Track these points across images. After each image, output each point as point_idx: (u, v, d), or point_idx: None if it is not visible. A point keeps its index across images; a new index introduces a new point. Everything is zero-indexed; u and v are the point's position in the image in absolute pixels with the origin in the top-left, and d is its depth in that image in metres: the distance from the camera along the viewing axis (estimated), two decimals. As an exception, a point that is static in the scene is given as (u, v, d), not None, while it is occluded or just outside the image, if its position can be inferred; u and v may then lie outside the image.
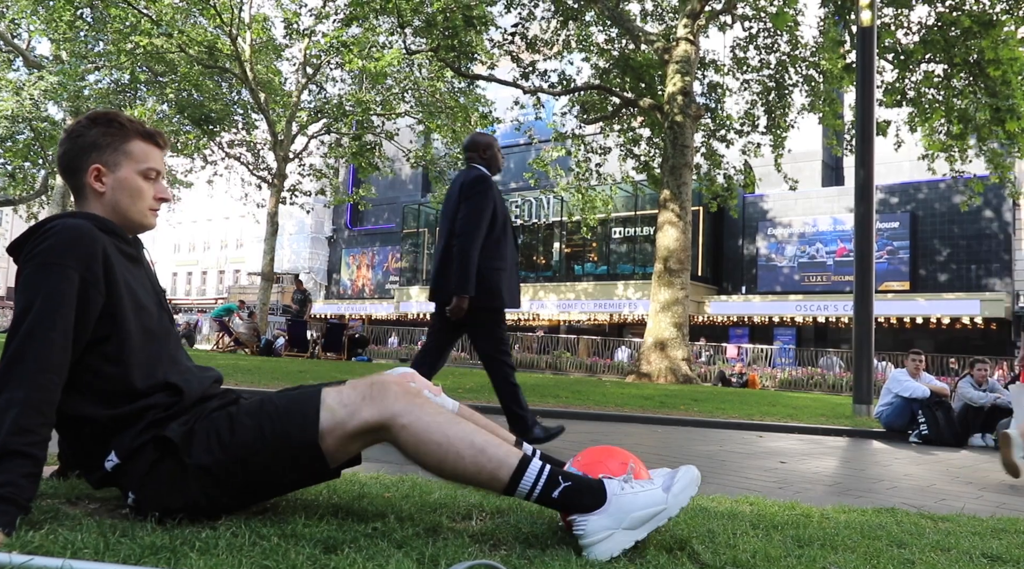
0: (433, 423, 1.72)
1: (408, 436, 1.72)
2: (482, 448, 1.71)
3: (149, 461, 1.70)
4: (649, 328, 14.85)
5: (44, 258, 1.64)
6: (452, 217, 4.45)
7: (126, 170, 1.83)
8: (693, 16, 15.57)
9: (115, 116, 1.87)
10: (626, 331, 30.44)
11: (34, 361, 1.57)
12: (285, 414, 1.75)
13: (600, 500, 1.68)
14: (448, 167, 24.95)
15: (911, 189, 26.87)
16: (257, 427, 1.73)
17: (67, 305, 1.63)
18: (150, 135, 1.89)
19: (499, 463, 1.70)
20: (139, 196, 1.85)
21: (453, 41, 16.45)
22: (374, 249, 41.70)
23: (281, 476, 1.77)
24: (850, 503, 3.07)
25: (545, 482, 1.70)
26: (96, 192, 1.82)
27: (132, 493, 1.70)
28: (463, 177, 4.58)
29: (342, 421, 1.72)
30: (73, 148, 1.83)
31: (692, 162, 15.77)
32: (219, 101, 23.75)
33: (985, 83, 14.34)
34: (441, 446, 1.71)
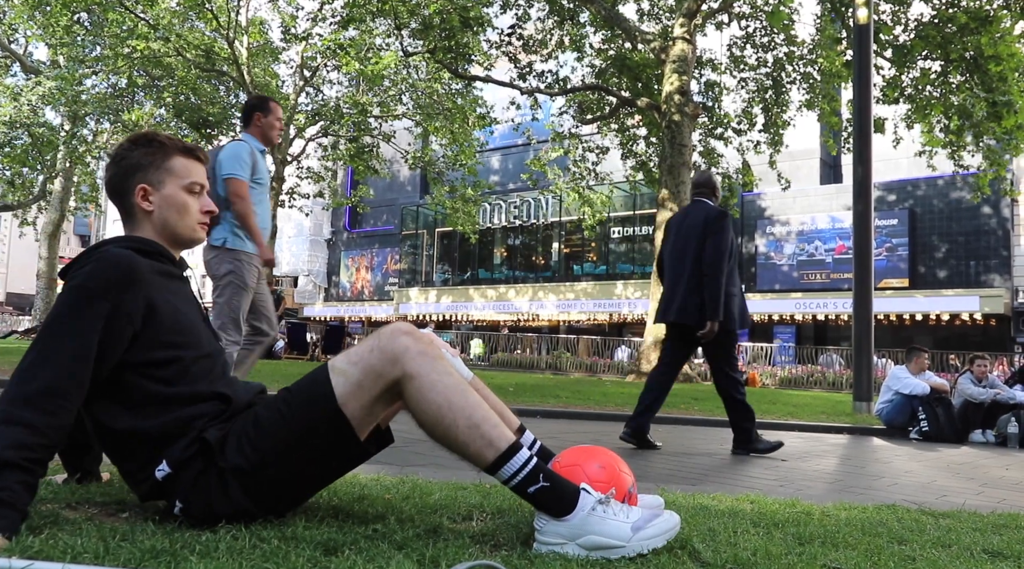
0: (440, 383, 1.72)
1: (413, 389, 1.71)
2: (478, 423, 1.71)
3: (197, 470, 1.71)
4: (649, 327, 14.85)
5: (78, 283, 1.67)
6: (696, 248, 4.92)
7: (171, 187, 1.87)
8: (690, 15, 15.58)
9: (155, 136, 1.91)
10: (626, 330, 30.44)
11: (44, 384, 1.59)
12: (299, 393, 1.77)
13: (568, 510, 1.68)
14: (446, 168, 24.93)
15: (909, 186, 26.87)
16: (278, 416, 1.74)
17: (90, 333, 1.64)
18: (190, 150, 1.92)
19: (489, 443, 1.70)
20: (186, 211, 1.89)
21: (450, 42, 16.46)
22: (373, 251, 41.69)
23: (315, 460, 1.77)
24: (851, 500, 3.07)
25: (525, 475, 1.69)
26: (144, 211, 1.86)
27: (179, 501, 1.71)
28: (703, 212, 5.04)
29: (356, 381, 1.72)
30: (119, 172, 1.87)
31: (690, 161, 15.78)
32: (216, 104, 23.74)
33: (982, 79, 14.35)
34: (440, 409, 1.70)
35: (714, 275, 4.81)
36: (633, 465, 4.16)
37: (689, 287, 4.93)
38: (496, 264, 36.04)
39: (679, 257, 5.03)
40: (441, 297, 36.20)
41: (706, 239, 4.88)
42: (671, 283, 5.10)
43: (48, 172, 25.17)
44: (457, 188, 24.84)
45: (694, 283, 4.90)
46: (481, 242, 33.31)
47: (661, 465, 4.36)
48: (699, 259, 4.89)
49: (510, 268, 35.52)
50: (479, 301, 34.69)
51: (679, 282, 5.00)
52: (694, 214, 5.08)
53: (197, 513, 1.70)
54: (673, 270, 5.09)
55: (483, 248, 35.63)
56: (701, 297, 4.86)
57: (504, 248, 35.98)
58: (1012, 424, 7.23)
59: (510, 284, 34.45)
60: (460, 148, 23.24)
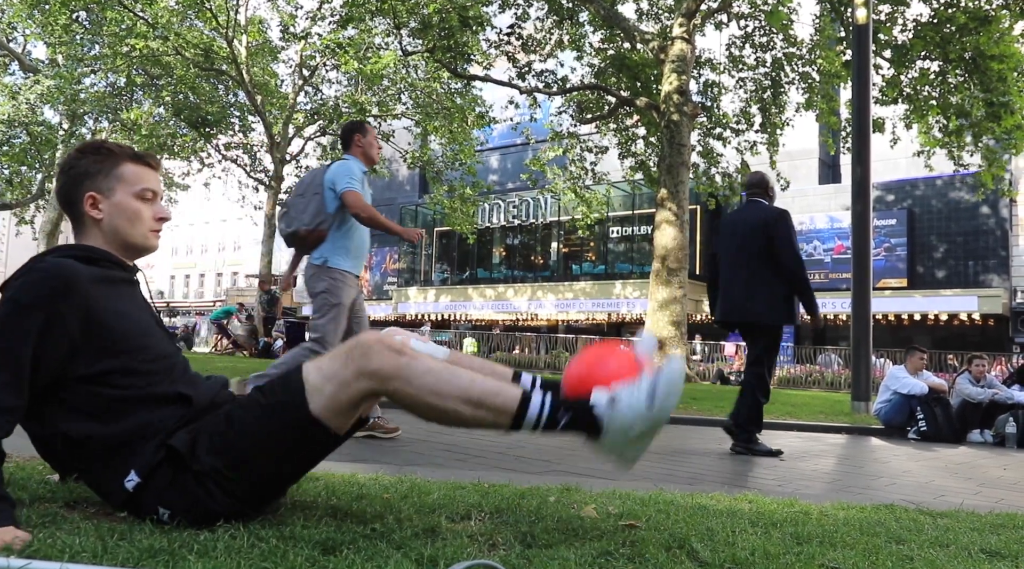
0: (424, 385, 1.72)
1: (401, 398, 1.74)
2: (479, 401, 1.73)
3: (168, 477, 1.70)
4: (647, 327, 14.85)
5: (11, 295, 1.67)
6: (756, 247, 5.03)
7: (120, 194, 1.84)
8: (689, 15, 15.58)
9: (102, 143, 1.89)
10: (624, 330, 30.45)
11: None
12: (272, 395, 1.77)
13: (597, 430, 1.74)
14: (445, 167, 24.93)
15: (908, 186, 26.89)
16: (252, 419, 1.74)
17: (25, 344, 1.62)
18: (140, 157, 1.90)
19: (500, 411, 1.74)
20: (137, 218, 1.86)
21: (449, 42, 16.45)
22: (372, 250, 41.60)
23: (293, 459, 1.78)
24: (849, 500, 3.07)
25: (548, 418, 1.75)
26: (94, 220, 1.84)
27: (164, 509, 1.70)
28: (761, 212, 5.15)
29: (330, 394, 1.71)
30: (68, 181, 1.85)
31: (689, 161, 15.78)
32: (215, 103, 23.73)
33: (981, 79, 14.36)
34: (437, 406, 1.73)
35: (797, 272, 4.99)
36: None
37: (751, 286, 5.01)
38: (495, 264, 36.04)
39: (738, 257, 5.10)
40: (440, 297, 36.20)
41: (768, 239, 4.98)
42: (730, 283, 5.16)
43: (47, 171, 25.15)
44: (456, 187, 24.84)
45: (756, 282, 4.99)
46: (480, 242, 33.29)
47: (659, 465, 4.36)
48: (761, 258, 4.99)
49: (509, 268, 35.52)
50: (478, 301, 34.69)
51: (739, 281, 5.08)
52: (750, 214, 5.18)
53: (187, 518, 1.69)
54: (732, 270, 5.15)
55: (482, 248, 35.62)
56: (765, 295, 4.97)
57: (503, 248, 35.98)
58: (1010, 424, 7.24)
59: (509, 284, 34.44)
60: (459, 147, 23.24)
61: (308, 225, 4.42)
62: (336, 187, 4.40)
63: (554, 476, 3.40)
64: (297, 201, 4.55)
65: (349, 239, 4.52)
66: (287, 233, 4.59)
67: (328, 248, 4.43)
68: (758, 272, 5.00)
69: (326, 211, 4.41)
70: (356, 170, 4.50)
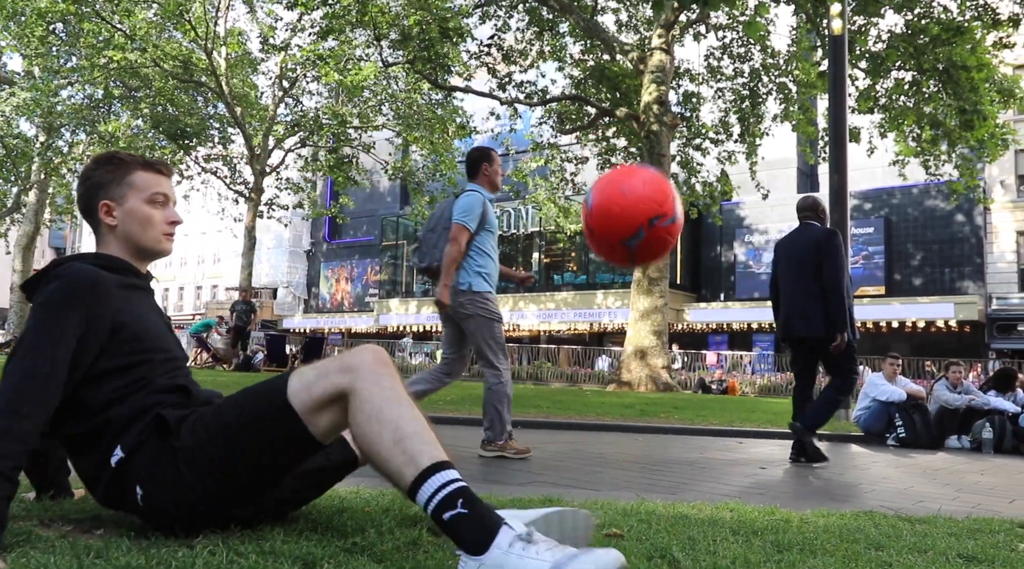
0: (377, 395, 1.64)
1: (353, 402, 1.65)
2: (404, 437, 1.60)
3: (152, 452, 1.73)
4: (629, 336, 14.90)
5: (47, 298, 1.72)
6: (812, 267, 5.31)
7: (132, 200, 1.92)
8: (667, 26, 15.73)
9: (115, 153, 1.98)
10: (606, 340, 30.51)
11: (25, 394, 1.63)
12: (256, 387, 1.80)
13: (483, 548, 1.48)
14: (426, 178, 24.92)
15: (885, 194, 27.22)
16: (232, 403, 1.77)
17: (64, 345, 1.69)
18: (151, 164, 1.98)
19: (410, 459, 1.58)
20: (149, 223, 1.94)
21: (429, 53, 16.47)
22: (353, 262, 41.54)
23: (264, 447, 1.72)
24: (829, 507, 3.09)
25: (442, 499, 1.53)
26: (109, 227, 1.92)
27: (139, 487, 1.72)
28: (813, 233, 5.42)
29: (308, 381, 1.69)
30: (85, 192, 1.94)
31: (669, 171, 15.90)
32: (195, 115, 23.61)
33: (954, 89, 14.58)
34: (370, 420, 1.62)
35: (837, 291, 5.20)
36: (612, 476, 4.17)
37: (808, 303, 5.32)
38: (477, 274, 35.99)
39: (796, 277, 5.44)
40: (421, 308, 36.10)
41: (821, 259, 5.27)
42: (790, 301, 5.51)
43: (22, 184, 24.89)
44: (437, 198, 24.82)
45: (812, 299, 5.29)
46: (461, 252, 33.24)
47: (641, 475, 4.37)
48: (816, 276, 5.28)
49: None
50: (460, 311, 34.60)
51: (798, 299, 5.40)
52: (804, 236, 5.50)
53: (158, 500, 1.70)
54: (790, 289, 5.49)
55: (463, 258, 35.57)
56: (824, 312, 5.23)
57: (484, 258, 35.97)
58: (986, 429, 7.32)
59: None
60: (440, 158, 23.25)
61: (439, 260, 4.68)
62: (454, 217, 4.65)
63: (536, 487, 3.40)
64: (429, 236, 4.82)
65: (484, 265, 4.76)
66: (421, 267, 4.86)
67: (468, 274, 4.68)
68: (814, 289, 5.31)
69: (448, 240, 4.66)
70: (477, 206, 4.70)
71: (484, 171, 4.87)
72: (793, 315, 5.45)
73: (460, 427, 6.99)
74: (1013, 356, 23.71)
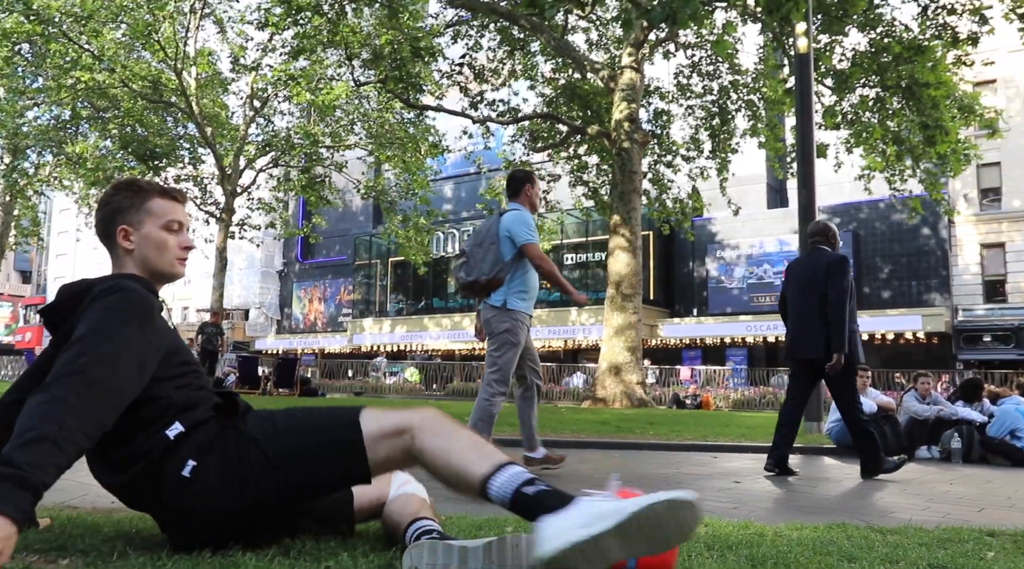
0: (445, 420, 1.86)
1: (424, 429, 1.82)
2: (476, 443, 1.82)
3: (214, 430, 1.85)
4: (603, 353, 14.94)
5: (108, 305, 1.78)
6: (821, 289, 5.43)
7: (149, 226, 2.01)
8: (637, 45, 15.91)
9: (135, 181, 2.09)
10: (581, 357, 30.55)
11: (89, 376, 1.64)
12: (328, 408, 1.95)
13: (569, 500, 1.63)
14: (399, 197, 24.89)
15: (852, 209, 27.65)
16: (305, 414, 1.92)
17: (125, 344, 1.73)
18: (168, 192, 2.09)
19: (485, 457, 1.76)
20: (164, 248, 2.03)
21: (401, 72, 16.54)
22: (326, 282, 41.29)
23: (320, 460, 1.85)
24: (803, 520, 3.11)
25: (524, 480, 1.69)
26: (127, 250, 2.01)
27: (193, 460, 1.79)
28: (823, 258, 5.59)
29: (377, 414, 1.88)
30: (104, 216, 2.03)
31: (640, 187, 16.02)
32: (164, 136, 23.42)
33: (916, 106, 14.89)
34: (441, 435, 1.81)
35: (838, 313, 5.33)
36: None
37: (816, 326, 5.44)
38: (450, 293, 35.96)
39: (804, 299, 5.56)
40: (395, 327, 35.96)
41: (829, 280, 5.41)
42: (797, 322, 5.62)
43: (-13, 205, 24.49)
44: (410, 217, 24.82)
45: (820, 322, 5.41)
46: (435, 271, 33.21)
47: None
48: (824, 299, 5.41)
49: (464, 296, 35.41)
50: (434, 331, 34.53)
51: (805, 321, 5.52)
52: (814, 260, 5.66)
53: (211, 474, 1.78)
54: (798, 311, 5.61)
55: (437, 277, 35.55)
56: (827, 334, 5.34)
57: (458, 276, 35.94)
58: (955, 439, 7.42)
59: (465, 312, 34.37)
60: (412, 177, 23.25)
61: (487, 274, 4.75)
62: (515, 238, 4.76)
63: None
64: (475, 251, 4.89)
65: (525, 283, 4.88)
66: (467, 282, 4.89)
67: (507, 291, 4.77)
68: (822, 313, 5.42)
69: (503, 260, 4.76)
70: (531, 221, 4.85)
71: (526, 192, 5.06)
72: (800, 337, 5.57)
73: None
74: (980, 366, 24.13)
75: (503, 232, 4.78)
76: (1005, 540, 2.67)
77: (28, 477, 1.45)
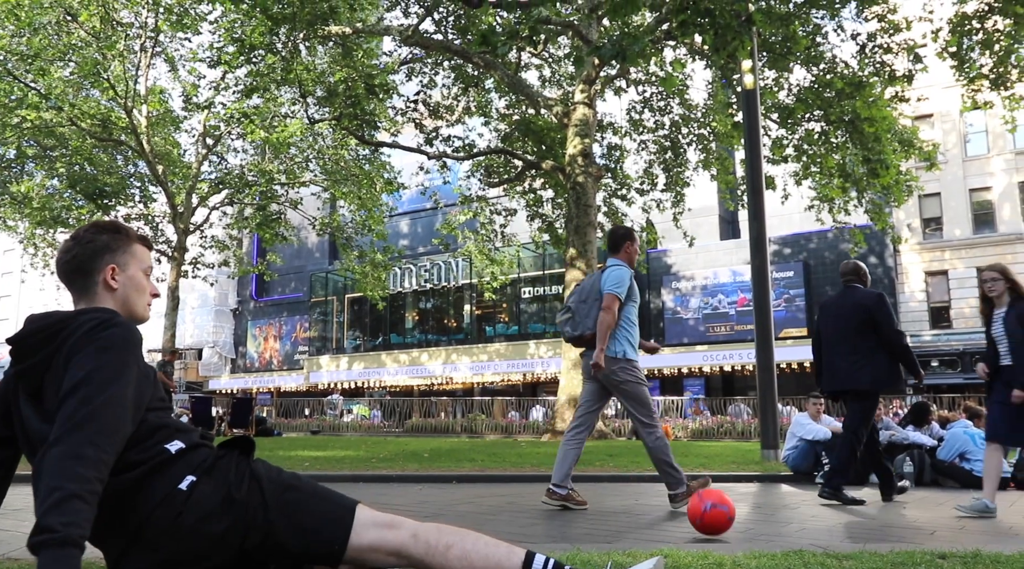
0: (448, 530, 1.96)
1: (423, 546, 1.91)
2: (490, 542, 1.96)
3: (214, 456, 1.92)
4: (562, 386, 14.96)
5: (106, 343, 1.81)
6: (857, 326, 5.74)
7: (133, 269, 2.10)
8: (589, 81, 16.20)
9: (119, 225, 2.15)
10: (540, 390, 30.53)
11: (97, 423, 1.68)
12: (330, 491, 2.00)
13: None
14: (355, 233, 24.79)
15: (802, 240, 28.29)
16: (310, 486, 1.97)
17: (126, 385, 1.78)
18: (145, 240, 2.19)
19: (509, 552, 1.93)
20: (143, 292, 2.12)
21: (356, 109, 16.57)
22: (281, 320, 40.76)
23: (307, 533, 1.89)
24: (761, 548, 3.14)
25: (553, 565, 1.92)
26: (110, 289, 2.05)
27: (192, 475, 1.85)
28: (859, 296, 5.88)
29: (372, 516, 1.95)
30: (86, 252, 2.06)
31: (596, 221, 16.21)
32: (114, 174, 23.05)
33: (859, 140, 15.39)
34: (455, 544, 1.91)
35: (904, 347, 5.73)
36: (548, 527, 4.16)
37: (854, 359, 5.74)
38: (408, 328, 35.77)
39: (842, 335, 5.84)
40: (353, 364, 35.57)
41: (867, 317, 5.72)
42: (833, 356, 5.90)
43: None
44: (366, 253, 24.71)
45: (859, 355, 5.73)
46: (392, 306, 33.04)
47: (577, 524, 4.36)
48: (861, 334, 5.74)
49: (422, 332, 35.30)
50: (392, 367, 34.24)
51: (843, 355, 5.81)
52: (849, 298, 5.95)
53: (208, 493, 1.82)
54: (836, 346, 5.89)
55: (394, 312, 35.36)
56: (868, 365, 5.69)
57: (416, 312, 35.79)
58: (907, 463, 7.56)
59: (423, 348, 34.20)
60: (368, 213, 23.19)
61: (592, 329, 5.06)
62: (602, 287, 5.09)
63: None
64: (580, 307, 5.22)
65: (631, 334, 5.16)
66: (573, 336, 5.23)
67: (620, 343, 5.10)
68: (860, 346, 5.73)
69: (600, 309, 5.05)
70: (627, 278, 5.15)
71: (626, 248, 5.30)
72: (838, 370, 5.84)
73: (394, 485, 6.87)
74: (928, 391, 24.67)
75: (604, 288, 5.10)
76: (955, 562, 2.72)
77: (69, 534, 1.51)
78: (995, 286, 5.12)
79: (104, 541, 1.85)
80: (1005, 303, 5.09)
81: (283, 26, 14.88)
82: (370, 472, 7.50)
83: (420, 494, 6.03)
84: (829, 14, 15.12)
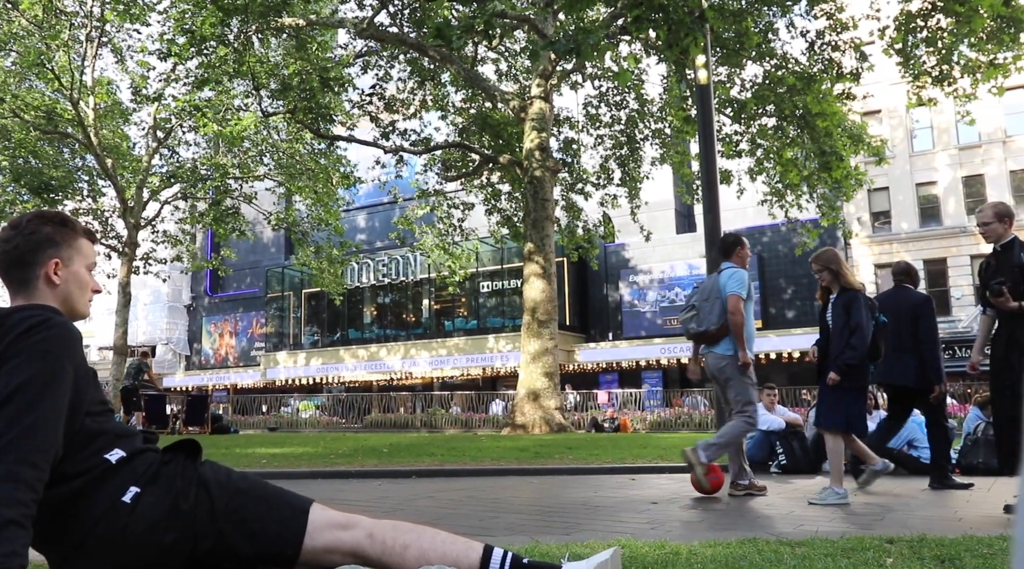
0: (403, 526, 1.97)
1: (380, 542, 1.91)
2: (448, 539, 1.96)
3: (158, 463, 1.87)
4: (521, 379, 15.00)
5: (44, 347, 1.75)
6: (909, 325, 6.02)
7: (78, 264, 2.02)
8: (545, 76, 16.23)
9: (65, 217, 2.07)
10: (500, 384, 30.57)
11: (31, 441, 1.64)
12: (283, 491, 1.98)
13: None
14: (311, 228, 24.49)
15: (756, 233, 28.73)
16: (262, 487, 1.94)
17: (63, 394, 1.74)
18: (91, 234, 2.11)
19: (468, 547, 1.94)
20: (85, 288, 2.04)
21: (311, 103, 16.38)
22: (237, 315, 40.16)
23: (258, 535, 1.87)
24: (716, 537, 3.19)
25: (513, 557, 1.95)
26: (51, 284, 1.97)
27: (136, 487, 1.80)
28: (910, 297, 6.19)
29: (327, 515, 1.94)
30: (28, 244, 1.97)
31: (553, 215, 16.26)
32: (60, 168, 22.43)
33: (811, 134, 15.68)
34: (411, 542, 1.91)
35: (933, 350, 6.01)
36: (507, 520, 4.17)
37: (904, 358, 6.03)
38: (366, 323, 35.51)
39: (896, 332, 6.02)
40: (311, 360, 35.21)
41: (919, 320, 6.02)
42: (900, 354, 6.09)
43: None
44: (323, 248, 24.44)
45: (907, 355, 6.02)
46: (350, 302, 32.76)
47: (535, 517, 4.38)
48: (915, 334, 6.03)
49: (381, 327, 35.08)
50: (350, 362, 33.98)
51: (898, 352, 6.01)
52: (902, 298, 6.26)
53: (153, 504, 1.78)
54: (896, 344, 6.04)
55: (352, 308, 35.07)
56: (914, 365, 5.99)
57: (374, 307, 35.55)
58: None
59: (381, 343, 33.98)
60: (324, 208, 22.93)
61: (715, 324, 5.46)
62: (724, 289, 5.48)
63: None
64: (704, 305, 5.62)
65: (749, 332, 5.52)
66: (698, 332, 5.61)
67: (734, 342, 5.43)
68: (907, 346, 6.02)
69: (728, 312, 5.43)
70: (746, 278, 5.54)
71: (738, 252, 5.72)
72: (892, 367, 6.07)
73: (353, 481, 6.83)
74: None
75: (724, 288, 5.48)
76: (902, 546, 2.80)
77: (10, 567, 1.50)
78: (822, 276, 5.48)
79: (45, 550, 1.82)
80: (836, 291, 5.42)
81: (235, 17, 14.63)
82: (328, 468, 7.44)
83: (379, 490, 6.01)
84: (781, 11, 15.36)
